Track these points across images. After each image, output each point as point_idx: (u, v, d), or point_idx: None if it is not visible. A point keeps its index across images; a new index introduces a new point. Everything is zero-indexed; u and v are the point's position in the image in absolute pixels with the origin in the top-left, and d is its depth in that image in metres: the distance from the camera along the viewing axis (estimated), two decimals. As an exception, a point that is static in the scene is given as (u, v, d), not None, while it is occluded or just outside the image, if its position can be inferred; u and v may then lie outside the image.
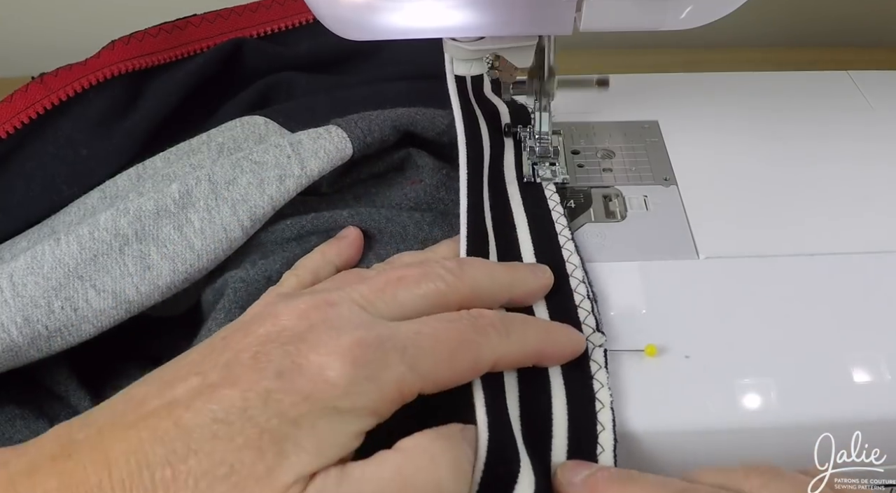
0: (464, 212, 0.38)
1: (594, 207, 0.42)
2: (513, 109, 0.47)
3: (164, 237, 0.35)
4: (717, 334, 0.35)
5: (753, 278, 0.38)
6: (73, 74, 0.42)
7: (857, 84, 0.51)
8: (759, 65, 0.55)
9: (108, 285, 0.34)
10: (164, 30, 0.44)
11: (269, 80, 0.47)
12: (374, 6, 0.32)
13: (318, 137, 0.39)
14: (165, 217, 0.35)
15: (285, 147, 0.38)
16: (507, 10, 0.33)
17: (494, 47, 0.37)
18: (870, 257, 0.39)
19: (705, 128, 0.48)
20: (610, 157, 0.46)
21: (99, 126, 0.43)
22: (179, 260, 0.35)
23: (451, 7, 0.33)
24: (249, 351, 0.26)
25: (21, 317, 0.32)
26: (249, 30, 0.47)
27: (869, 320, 0.36)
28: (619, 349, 0.33)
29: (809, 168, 0.45)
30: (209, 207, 0.36)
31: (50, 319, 0.32)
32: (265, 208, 0.37)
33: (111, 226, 0.34)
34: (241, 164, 0.37)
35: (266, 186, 0.37)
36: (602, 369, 0.32)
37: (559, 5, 0.32)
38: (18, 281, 0.32)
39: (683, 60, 0.60)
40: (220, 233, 0.36)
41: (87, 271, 0.33)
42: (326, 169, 0.39)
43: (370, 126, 0.40)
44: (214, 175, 0.36)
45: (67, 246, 0.33)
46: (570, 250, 0.37)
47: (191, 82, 0.44)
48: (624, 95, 0.50)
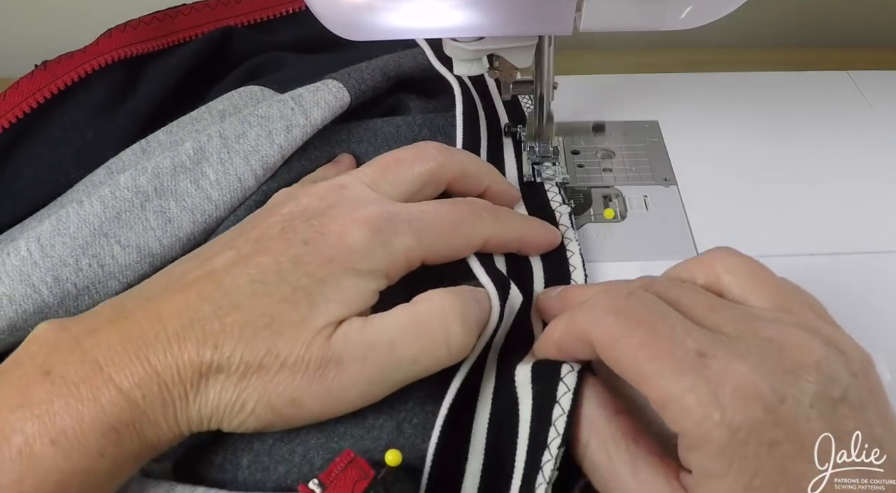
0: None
1: (594, 207, 0.42)
2: (510, 108, 0.47)
3: (182, 191, 0.37)
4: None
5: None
6: (75, 61, 0.44)
7: (857, 84, 0.51)
8: (759, 65, 0.55)
9: (133, 240, 0.36)
10: (156, 18, 0.46)
11: (257, 59, 0.49)
12: (374, 6, 0.32)
13: (316, 90, 0.42)
14: (182, 173, 0.37)
15: (288, 101, 0.41)
16: (506, 11, 0.33)
17: (494, 47, 0.37)
18: (870, 256, 0.39)
19: (705, 128, 0.48)
20: (610, 157, 0.46)
21: (102, 109, 0.44)
22: (199, 211, 0.37)
23: (451, 7, 0.33)
24: (277, 227, 0.31)
25: (51, 276, 0.33)
26: (235, 19, 0.49)
27: (869, 320, 0.36)
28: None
29: (809, 168, 0.45)
30: (223, 160, 0.38)
31: (78, 276, 0.34)
32: (275, 157, 0.39)
33: (131, 184, 0.36)
34: (249, 119, 0.40)
35: (275, 136, 0.39)
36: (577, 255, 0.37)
37: (559, 5, 0.32)
38: (46, 243, 0.34)
39: (683, 60, 0.60)
40: (234, 183, 0.38)
41: (112, 228, 0.35)
42: (328, 117, 0.41)
43: (362, 75, 0.44)
44: (225, 131, 0.39)
45: (91, 206, 0.35)
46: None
47: (185, 66, 0.46)
48: (624, 95, 0.50)
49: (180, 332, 0.27)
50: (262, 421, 0.28)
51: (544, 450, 0.27)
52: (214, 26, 0.48)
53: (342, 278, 0.29)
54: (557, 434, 0.27)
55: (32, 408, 0.25)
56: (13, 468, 0.24)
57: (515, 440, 0.29)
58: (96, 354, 0.26)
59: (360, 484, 0.26)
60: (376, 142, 0.44)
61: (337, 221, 0.30)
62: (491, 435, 0.30)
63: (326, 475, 0.26)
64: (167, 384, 0.27)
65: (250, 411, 0.28)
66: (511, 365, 0.31)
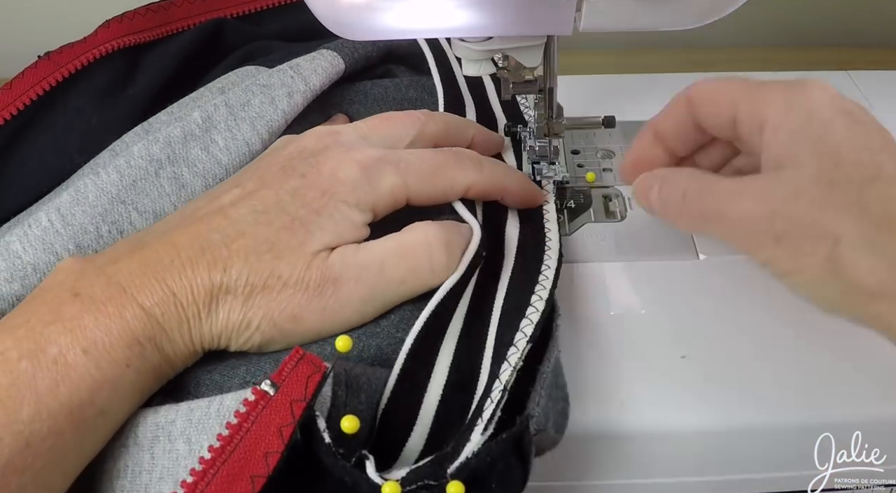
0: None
1: (594, 207, 0.42)
2: (508, 108, 0.47)
3: (193, 158, 0.39)
4: (716, 335, 0.35)
5: (753, 278, 0.38)
6: (76, 51, 0.45)
7: (857, 84, 0.51)
8: (759, 65, 0.55)
9: (149, 206, 0.37)
10: (150, 10, 0.48)
11: (248, 47, 0.52)
12: (374, 6, 0.32)
13: (313, 59, 0.45)
14: (192, 140, 0.39)
15: (287, 70, 0.44)
16: (506, 11, 0.33)
17: (502, 47, 0.37)
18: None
19: (705, 128, 0.48)
20: (610, 157, 0.46)
21: (104, 96, 0.46)
22: (210, 176, 0.39)
23: (451, 7, 0.33)
24: (278, 165, 0.34)
25: (73, 244, 0.35)
26: (225, 10, 0.52)
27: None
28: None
29: (809, 168, 0.44)
30: (230, 126, 0.40)
31: (99, 243, 0.35)
32: (279, 121, 0.42)
33: (145, 154, 0.38)
34: (252, 89, 0.42)
35: (278, 102, 0.42)
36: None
37: (559, 5, 0.32)
38: (66, 212, 0.35)
39: (683, 60, 0.60)
40: (243, 148, 0.40)
41: (129, 196, 0.37)
42: (326, 83, 0.45)
43: (354, 44, 0.47)
44: (230, 101, 0.41)
45: (107, 176, 0.37)
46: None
47: (181, 55, 0.49)
48: (624, 95, 0.50)
49: (193, 258, 0.30)
50: (265, 337, 0.31)
51: (510, 346, 0.29)
52: (206, 17, 0.51)
53: (334, 209, 0.32)
54: (525, 336, 0.30)
55: (65, 323, 0.27)
56: (49, 376, 0.26)
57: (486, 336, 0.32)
58: (119, 278, 0.29)
59: (312, 379, 0.26)
60: (367, 102, 0.47)
61: (332, 159, 0.33)
62: (461, 343, 0.32)
63: (277, 374, 0.26)
64: (182, 304, 0.29)
65: (255, 327, 0.30)
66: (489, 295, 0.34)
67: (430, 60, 0.48)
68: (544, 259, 0.35)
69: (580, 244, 0.39)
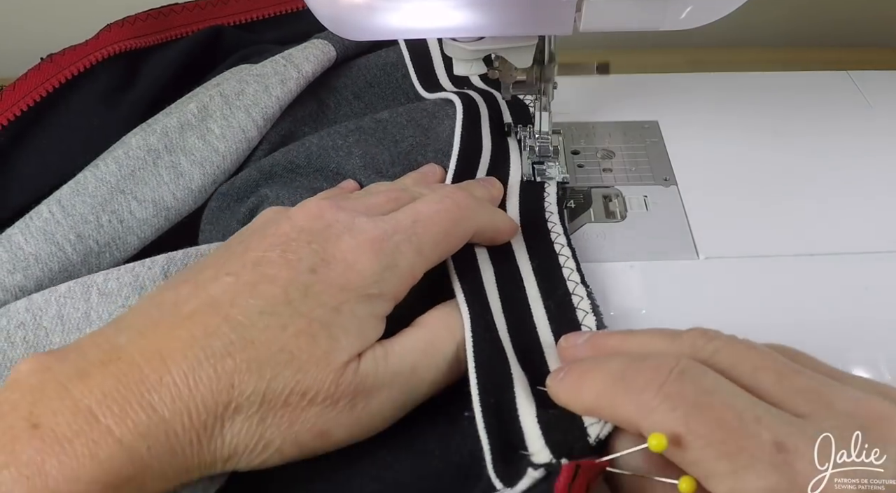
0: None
1: (594, 207, 0.42)
2: (513, 107, 0.47)
3: (190, 146, 0.39)
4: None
5: (753, 278, 0.38)
6: (78, 54, 0.46)
7: (857, 84, 0.51)
8: (760, 65, 0.55)
9: (148, 195, 0.37)
10: (150, 15, 0.49)
11: (243, 51, 0.52)
12: (374, 6, 0.32)
13: (304, 48, 0.46)
14: (189, 130, 0.40)
15: (279, 60, 0.44)
16: (506, 11, 0.33)
17: (494, 47, 0.37)
18: (870, 256, 0.39)
19: (705, 128, 0.48)
20: (610, 157, 0.46)
21: (106, 99, 0.47)
22: (207, 163, 0.39)
23: (451, 7, 0.33)
24: (275, 250, 0.28)
25: (74, 234, 0.35)
26: (223, 19, 0.53)
27: (869, 320, 0.36)
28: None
29: (809, 168, 0.45)
30: (225, 115, 0.41)
31: (99, 233, 0.36)
32: (274, 108, 0.43)
33: (143, 144, 0.38)
34: (246, 78, 0.43)
35: (272, 89, 0.42)
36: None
37: (559, 5, 0.32)
38: (67, 203, 0.36)
39: (684, 60, 0.60)
40: (238, 134, 0.41)
41: (128, 185, 0.37)
42: (318, 71, 0.46)
43: None
44: (225, 90, 0.42)
45: (106, 167, 0.37)
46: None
47: (181, 60, 0.49)
48: (624, 95, 0.50)
49: (188, 374, 0.25)
50: (286, 456, 0.27)
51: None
52: (205, 25, 0.52)
53: (356, 305, 0.28)
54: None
55: (21, 468, 0.22)
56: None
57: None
58: (90, 402, 0.24)
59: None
60: (357, 83, 0.48)
61: (339, 246, 0.29)
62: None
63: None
64: (177, 432, 0.24)
65: (276, 448, 0.26)
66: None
67: (459, 110, 0.46)
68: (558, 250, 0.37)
69: (580, 244, 0.39)
